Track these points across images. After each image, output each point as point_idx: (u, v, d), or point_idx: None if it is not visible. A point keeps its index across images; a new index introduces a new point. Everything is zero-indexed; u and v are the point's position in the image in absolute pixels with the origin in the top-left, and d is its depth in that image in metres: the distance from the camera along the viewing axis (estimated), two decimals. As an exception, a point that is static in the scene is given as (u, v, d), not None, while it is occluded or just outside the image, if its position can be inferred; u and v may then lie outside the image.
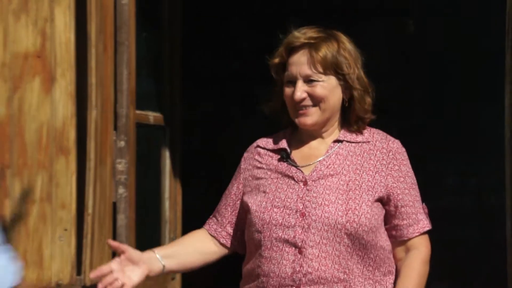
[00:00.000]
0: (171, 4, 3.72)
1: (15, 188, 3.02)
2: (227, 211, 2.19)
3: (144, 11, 3.44)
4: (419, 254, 2.07)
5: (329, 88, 2.05)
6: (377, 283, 2.04)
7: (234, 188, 2.17)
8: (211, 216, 2.25)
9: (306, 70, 2.03)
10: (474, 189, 5.07)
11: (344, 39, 2.11)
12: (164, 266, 2.09)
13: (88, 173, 3.00)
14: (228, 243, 2.18)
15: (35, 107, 2.98)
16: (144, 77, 3.47)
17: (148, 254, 2.11)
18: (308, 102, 2.05)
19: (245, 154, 2.19)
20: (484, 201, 4.95)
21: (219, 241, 2.20)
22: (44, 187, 2.99)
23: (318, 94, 2.03)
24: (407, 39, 5.10)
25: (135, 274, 2.02)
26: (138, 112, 3.32)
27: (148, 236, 3.36)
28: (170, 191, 3.64)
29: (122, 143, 3.16)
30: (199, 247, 2.21)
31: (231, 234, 2.19)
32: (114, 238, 3.14)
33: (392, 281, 2.08)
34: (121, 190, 3.16)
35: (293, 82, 2.05)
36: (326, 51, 2.06)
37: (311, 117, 2.05)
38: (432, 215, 2.29)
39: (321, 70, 2.04)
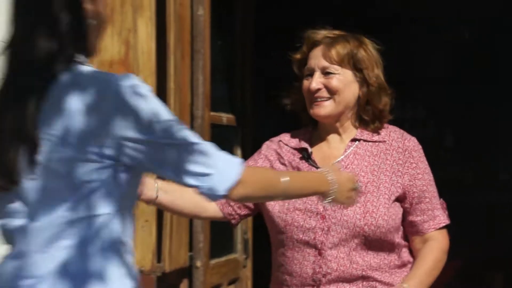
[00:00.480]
0: (243, 14, 3.75)
1: None
2: None
3: (218, 21, 3.46)
4: (438, 243, 2.08)
5: (344, 81, 2.06)
6: (393, 275, 2.05)
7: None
8: None
9: (323, 62, 2.05)
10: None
11: (366, 41, 2.12)
12: (157, 196, 2.07)
13: None
14: (224, 209, 2.18)
15: None
16: (218, 82, 3.49)
17: (149, 179, 2.09)
18: (323, 93, 2.06)
19: (268, 143, 2.21)
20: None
21: (216, 204, 2.19)
22: None
23: (333, 86, 2.04)
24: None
25: None
26: (212, 113, 3.37)
27: (221, 227, 3.33)
28: (242, 186, 3.64)
29: None
30: (196, 199, 2.14)
31: (230, 204, 2.18)
32: (191, 229, 3.19)
33: (405, 270, 2.10)
34: (198, 183, 3.31)
35: (311, 75, 2.07)
36: (344, 45, 2.07)
37: (324, 108, 2.06)
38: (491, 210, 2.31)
39: (337, 63, 2.05)
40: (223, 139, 3.55)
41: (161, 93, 3.00)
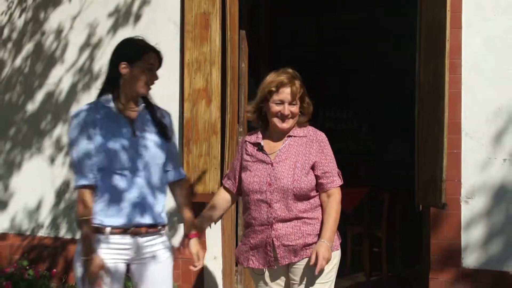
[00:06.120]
0: (264, 65, 3.74)
1: (194, 150, 3.11)
2: (235, 174, 2.07)
3: (252, 69, 3.46)
4: (334, 198, 1.97)
5: (298, 108, 1.98)
6: (313, 212, 1.96)
7: (236, 161, 2.08)
8: (226, 178, 2.12)
9: (290, 98, 1.94)
10: None
11: (299, 75, 1.99)
12: (196, 226, 1.99)
13: (226, 143, 3.02)
14: (236, 192, 2.08)
15: (202, 113, 3.09)
16: (251, 99, 2.98)
17: (199, 226, 2.00)
18: (289, 115, 1.97)
19: (240, 142, 2.11)
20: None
21: (232, 192, 2.08)
22: (206, 149, 3.08)
23: (295, 112, 1.97)
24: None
25: (194, 247, 1.95)
26: (248, 115, 3.24)
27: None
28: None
29: (241, 129, 3.35)
30: (223, 204, 2.10)
31: (237, 186, 2.08)
32: None
33: (319, 211, 1.98)
34: (240, 150, 3.39)
35: (282, 103, 1.95)
36: (296, 86, 1.95)
37: (288, 124, 1.97)
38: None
39: (296, 98, 1.96)
40: (253, 129, 3.22)
41: (223, 105, 3.10)
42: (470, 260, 2.79)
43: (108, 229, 1.78)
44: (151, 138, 1.86)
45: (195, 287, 3.16)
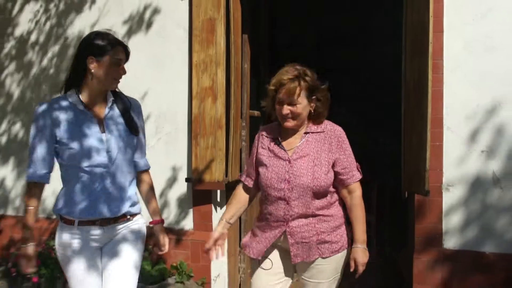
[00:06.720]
0: (264, 64, 3.79)
1: (201, 143, 3.15)
2: (252, 169, 1.99)
3: (254, 70, 3.56)
4: (357, 196, 1.91)
5: (302, 107, 1.86)
6: (329, 209, 1.90)
7: (254, 156, 1.99)
8: (244, 175, 2.02)
9: (289, 98, 1.84)
10: None
11: (309, 73, 1.87)
12: (231, 224, 1.99)
13: (231, 137, 3.13)
14: (255, 188, 2.01)
15: (208, 109, 3.12)
16: (253, 97, 3.53)
17: (223, 226, 1.95)
18: (290, 115, 1.87)
19: (257, 136, 1.99)
20: None
21: (252, 189, 2.00)
22: (213, 142, 3.13)
23: (296, 112, 1.86)
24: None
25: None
26: (250, 111, 3.48)
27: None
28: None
29: (244, 124, 3.40)
30: (244, 201, 2.01)
31: (255, 181, 2.00)
32: (240, 163, 3.30)
33: (336, 207, 1.92)
34: (243, 143, 3.39)
35: (282, 103, 1.87)
36: (300, 84, 1.83)
37: (291, 123, 1.87)
38: None
39: (297, 97, 1.84)
40: (255, 124, 3.61)
41: (228, 102, 3.12)
42: (451, 242, 2.86)
43: (76, 221, 1.73)
44: (119, 133, 1.76)
45: (203, 266, 3.24)
